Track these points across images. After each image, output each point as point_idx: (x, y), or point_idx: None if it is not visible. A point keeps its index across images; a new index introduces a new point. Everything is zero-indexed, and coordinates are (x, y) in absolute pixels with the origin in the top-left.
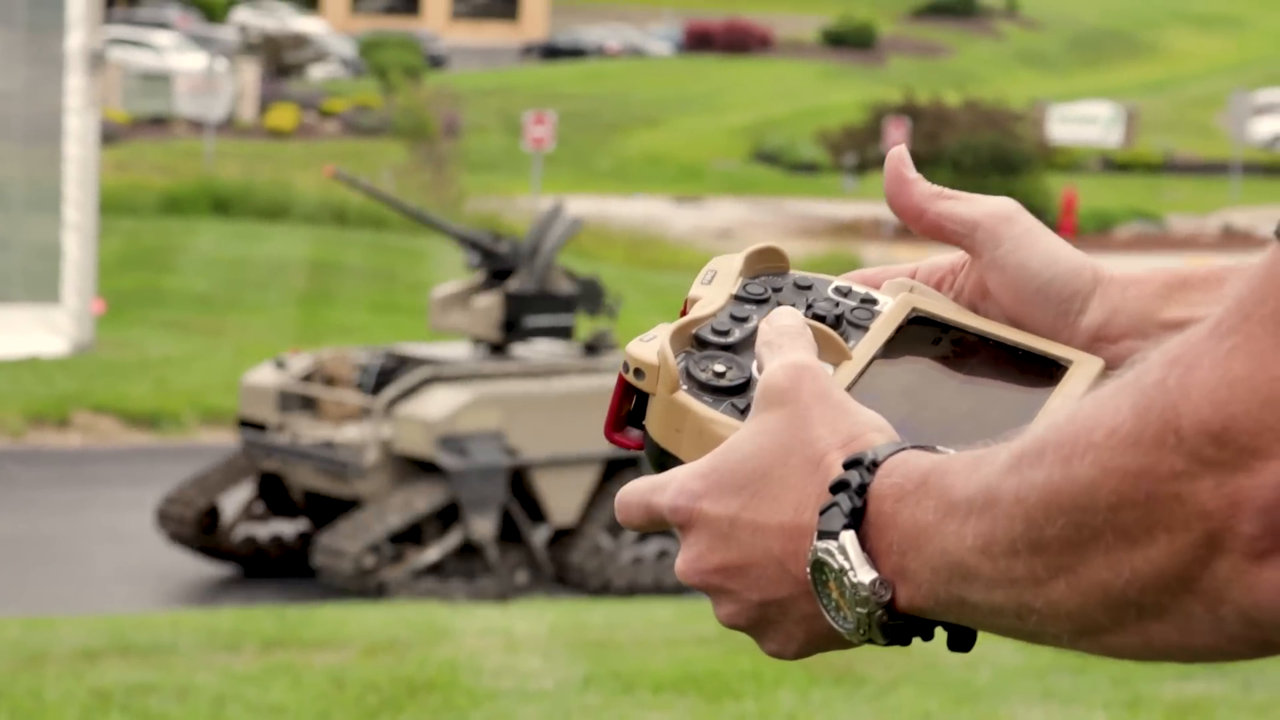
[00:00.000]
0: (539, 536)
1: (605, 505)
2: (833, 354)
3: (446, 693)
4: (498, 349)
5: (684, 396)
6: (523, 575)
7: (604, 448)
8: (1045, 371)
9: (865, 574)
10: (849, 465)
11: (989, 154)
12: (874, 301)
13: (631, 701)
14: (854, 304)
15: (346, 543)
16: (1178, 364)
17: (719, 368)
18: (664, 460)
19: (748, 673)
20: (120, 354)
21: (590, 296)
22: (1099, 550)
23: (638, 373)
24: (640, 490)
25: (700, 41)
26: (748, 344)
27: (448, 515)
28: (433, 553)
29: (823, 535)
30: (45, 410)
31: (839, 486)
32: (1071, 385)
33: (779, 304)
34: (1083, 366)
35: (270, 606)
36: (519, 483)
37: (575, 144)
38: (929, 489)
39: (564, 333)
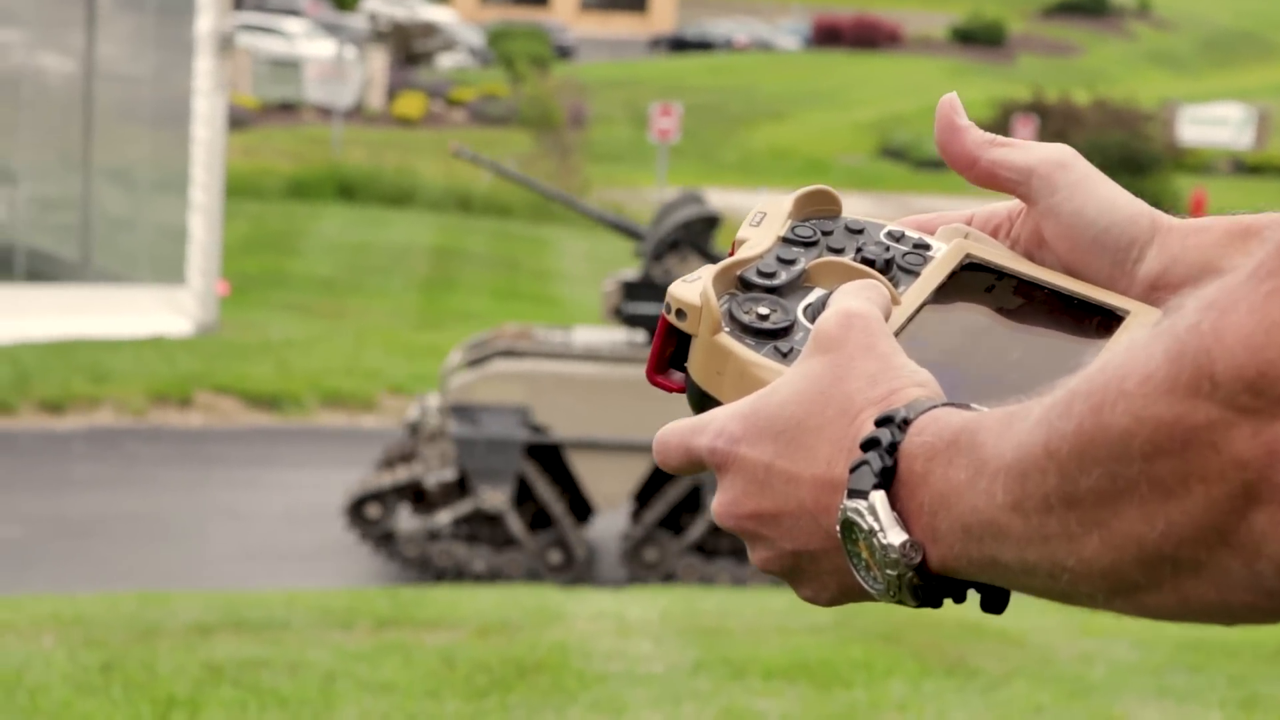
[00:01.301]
0: (608, 525)
1: (658, 498)
2: None
3: (556, 674)
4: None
5: (726, 339)
6: (556, 556)
7: (647, 434)
8: (1101, 321)
9: (896, 536)
10: (881, 422)
11: (1117, 154)
12: (927, 247)
13: (741, 688)
14: (906, 249)
15: (356, 490)
16: (1213, 308)
17: (763, 310)
18: (705, 403)
19: (859, 662)
20: (243, 335)
21: None
22: (1133, 503)
23: (680, 313)
24: (680, 431)
25: (828, 36)
26: (794, 287)
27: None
28: (444, 515)
29: (853, 494)
30: (168, 390)
31: (870, 444)
32: (1127, 336)
33: (828, 247)
34: (1140, 316)
35: (385, 587)
36: (557, 463)
37: (701, 137)
38: (960, 447)
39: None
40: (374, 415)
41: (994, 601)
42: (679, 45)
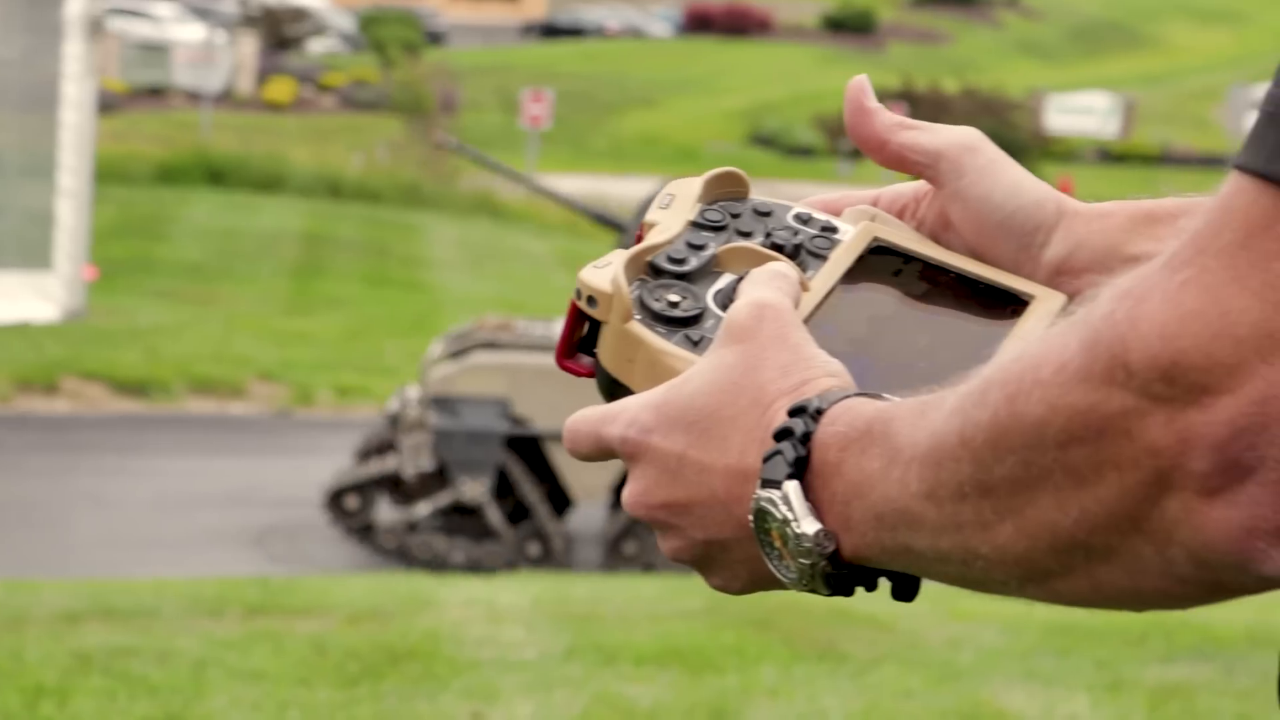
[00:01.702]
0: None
1: None
2: None
3: (427, 661)
4: None
5: (637, 327)
6: (534, 548)
7: None
8: (1006, 306)
9: (809, 525)
10: (794, 412)
11: None
12: (834, 230)
13: (613, 674)
14: (814, 232)
15: (335, 481)
16: (1128, 297)
17: (673, 297)
18: (615, 390)
19: (730, 647)
20: (111, 321)
21: None
22: (1047, 490)
23: (590, 300)
24: (590, 420)
25: (700, 23)
26: (704, 273)
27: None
28: (423, 507)
29: (766, 484)
30: (34, 376)
31: (783, 434)
32: (1032, 321)
33: (738, 231)
34: (1044, 302)
35: (255, 576)
36: (537, 455)
37: (572, 123)
38: (873, 437)
39: None
40: (243, 402)
41: (904, 589)
42: (551, 32)
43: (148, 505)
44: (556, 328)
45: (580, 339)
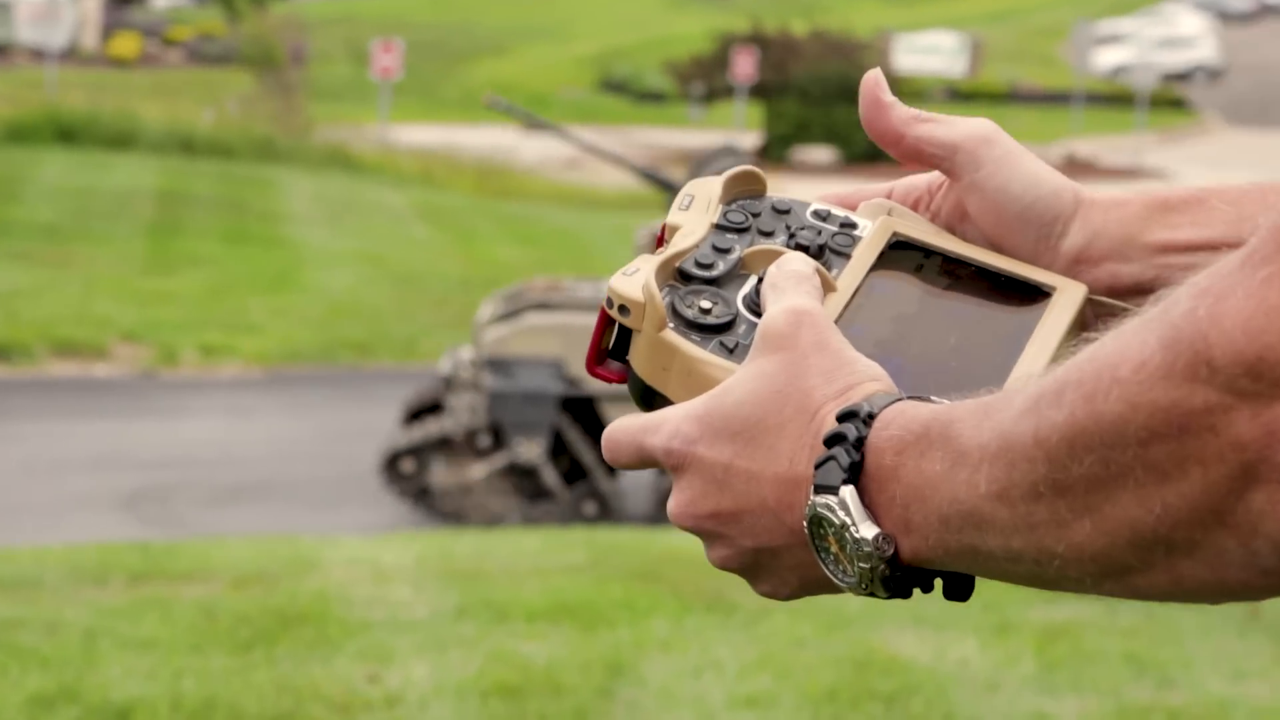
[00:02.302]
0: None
1: None
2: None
3: (319, 624)
4: None
5: (671, 335)
6: (590, 507)
7: None
8: (1029, 297)
9: (867, 529)
10: (843, 417)
11: (836, 84)
12: (853, 226)
13: (506, 631)
14: (834, 229)
15: (390, 444)
16: (1207, 294)
17: (705, 304)
18: (649, 396)
19: (620, 601)
20: None
21: None
22: (1128, 487)
23: (622, 309)
24: (631, 430)
25: None
26: (732, 276)
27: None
28: (478, 470)
29: (820, 489)
30: None
31: (834, 439)
32: (1056, 313)
33: (759, 231)
34: (1066, 293)
35: (134, 542)
36: (591, 415)
37: (423, 73)
38: (931, 439)
39: None
40: (106, 364)
41: (959, 589)
42: None
43: (15, 471)
44: (605, 288)
45: (609, 345)
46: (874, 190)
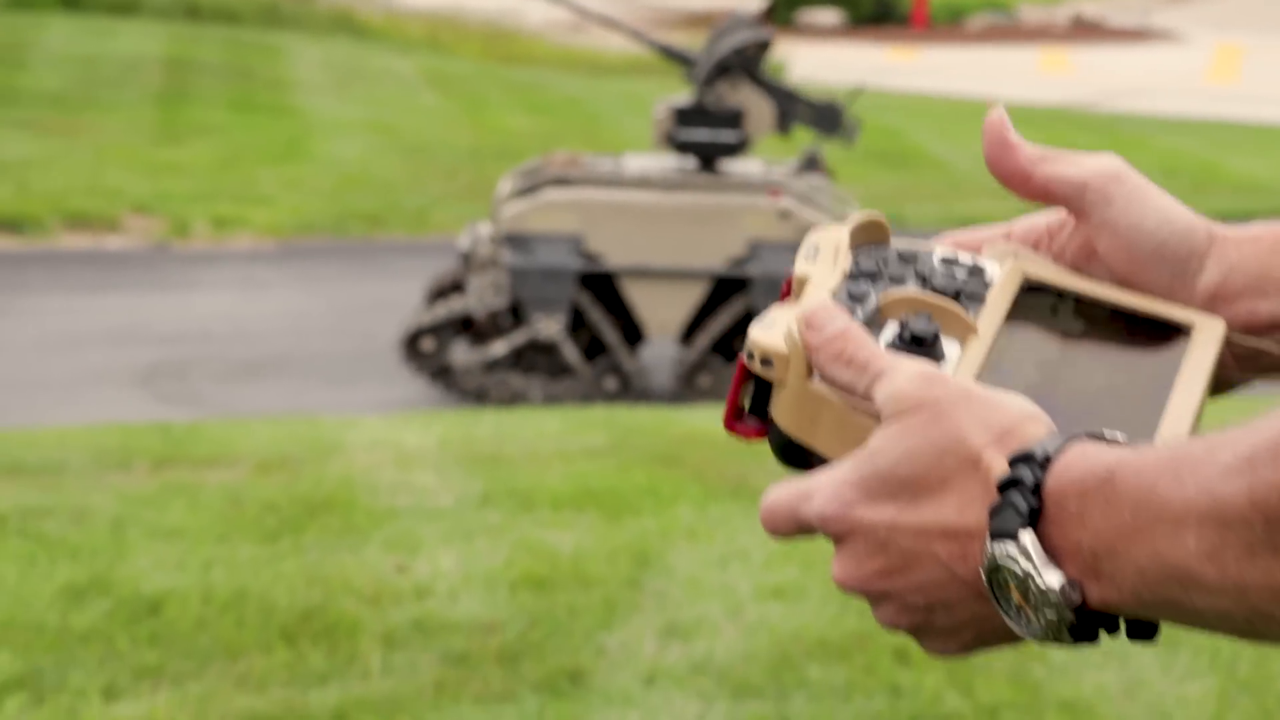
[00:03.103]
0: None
1: (710, 324)
2: (958, 329)
3: (345, 512)
4: (708, 163)
5: (821, 385)
6: (611, 382)
7: (702, 262)
8: (1167, 335)
9: (1053, 577)
10: (1017, 460)
11: None
12: (982, 270)
13: (532, 520)
14: (964, 275)
15: (411, 323)
16: None
17: (885, 352)
18: (791, 451)
19: (644, 488)
20: None
21: (826, 117)
22: None
23: (765, 361)
24: (786, 500)
25: None
26: (872, 324)
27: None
28: (500, 347)
29: (997, 536)
30: None
31: (1009, 484)
32: (1199, 350)
33: (890, 278)
34: (1204, 329)
35: (155, 422)
36: (611, 291)
37: None
38: (1119, 488)
39: (723, 149)
40: (119, 236)
41: (1143, 630)
42: None
43: (31, 346)
44: (624, 163)
45: (749, 402)
46: (992, 234)
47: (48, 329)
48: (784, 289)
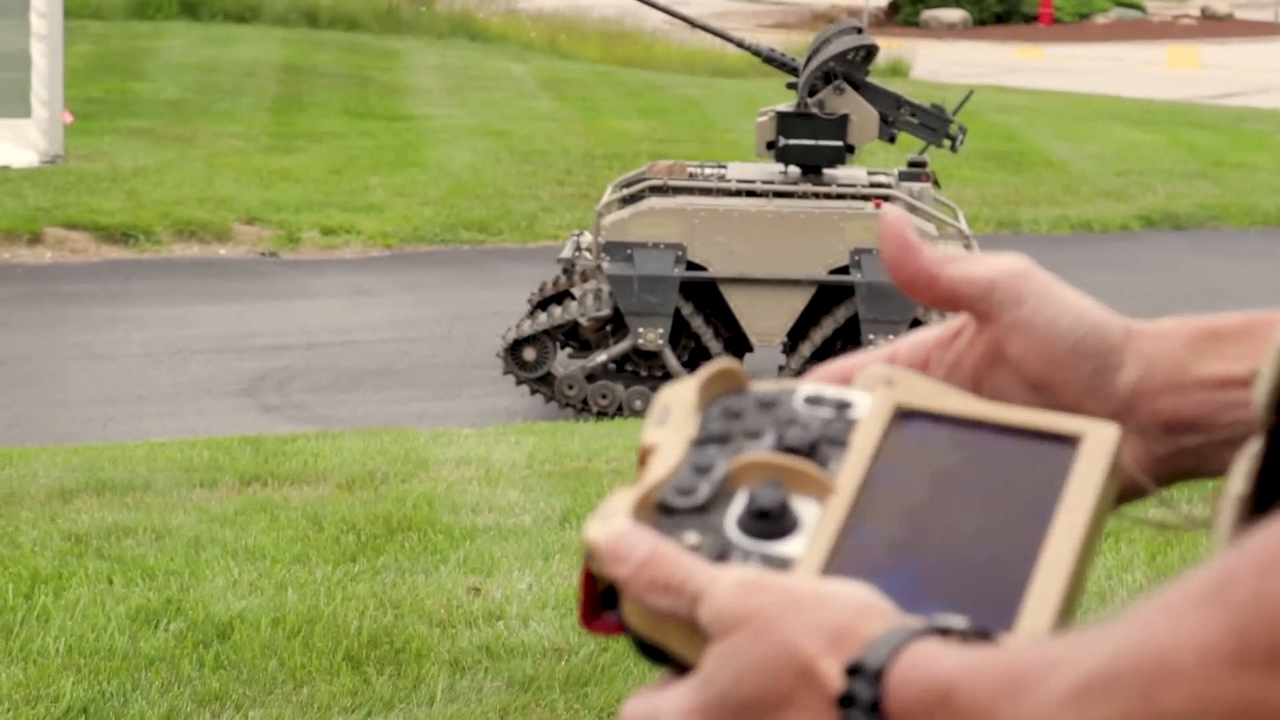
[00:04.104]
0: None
1: (814, 334)
2: (813, 489)
3: (423, 532)
4: (810, 171)
5: None
6: None
7: (805, 271)
8: (1054, 451)
9: None
10: (851, 672)
11: None
12: (848, 406)
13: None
14: (828, 415)
15: (513, 332)
16: (1271, 571)
17: (692, 540)
18: (648, 648)
19: None
20: (90, 165)
21: (932, 125)
22: None
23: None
24: (640, 713)
25: None
26: (719, 499)
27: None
28: (601, 356)
29: None
30: (16, 225)
31: (847, 701)
32: (1086, 465)
33: (746, 433)
34: (1094, 438)
35: (248, 436)
36: (716, 300)
37: None
38: (956, 710)
39: (826, 154)
40: (228, 246)
41: None
42: None
43: (138, 356)
44: (727, 171)
45: (602, 593)
46: (872, 357)
47: (154, 339)
48: (640, 459)
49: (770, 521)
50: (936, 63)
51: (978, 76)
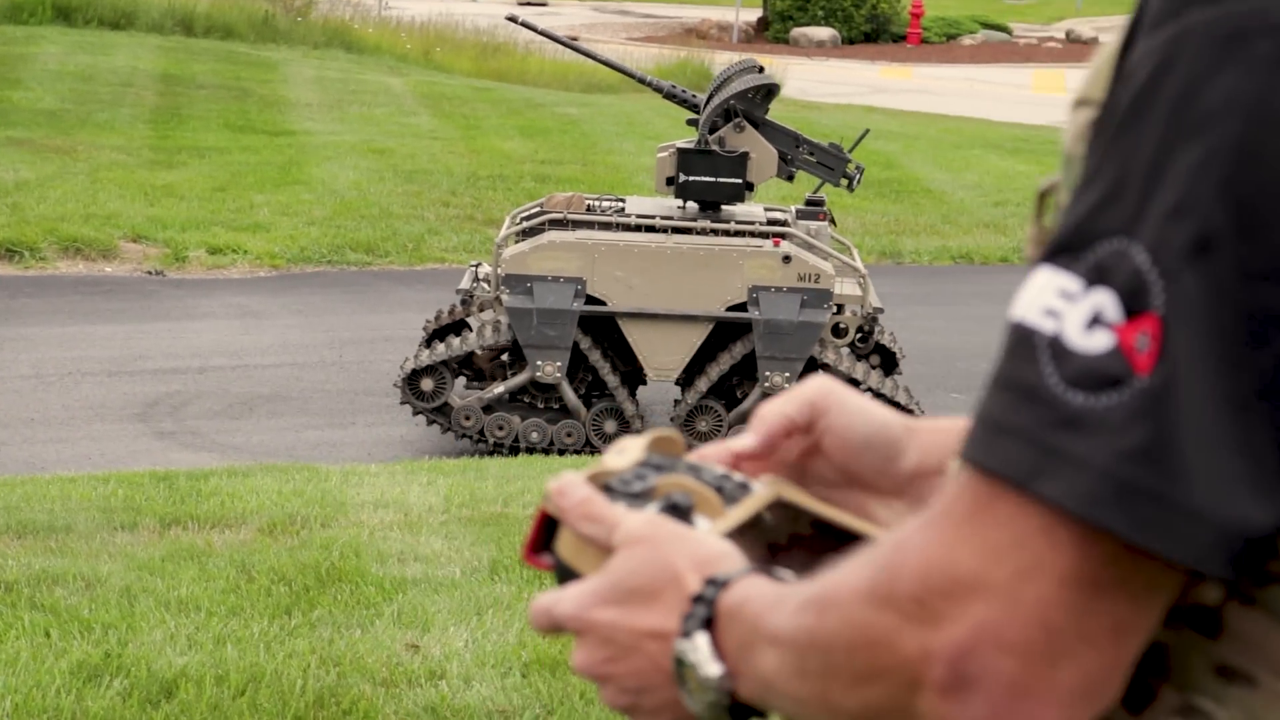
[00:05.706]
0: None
1: (710, 369)
2: (711, 511)
3: (355, 584)
4: (709, 207)
5: None
6: (610, 425)
7: (703, 307)
8: (853, 544)
9: (714, 669)
10: (707, 583)
11: None
12: (747, 485)
13: (542, 590)
14: (732, 485)
15: (410, 362)
16: (900, 543)
17: (621, 508)
18: (566, 574)
19: None
20: None
21: (829, 164)
22: (842, 683)
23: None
24: (544, 603)
25: None
26: (645, 496)
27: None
28: (498, 387)
29: (682, 636)
30: None
31: (697, 599)
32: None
33: (674, 471)
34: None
35: (156, 471)
36: (614, 334)
37: None
38: (745, 611)
39: (726, 191)
40: (114, 264)
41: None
42: None
43: (28, 377)
44: (626, 205)
45: (542, 539)
46: (744, 446)
47: (44, 360)
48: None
49: (677, 513)
50: (806, 81)
51: (846, 96)
